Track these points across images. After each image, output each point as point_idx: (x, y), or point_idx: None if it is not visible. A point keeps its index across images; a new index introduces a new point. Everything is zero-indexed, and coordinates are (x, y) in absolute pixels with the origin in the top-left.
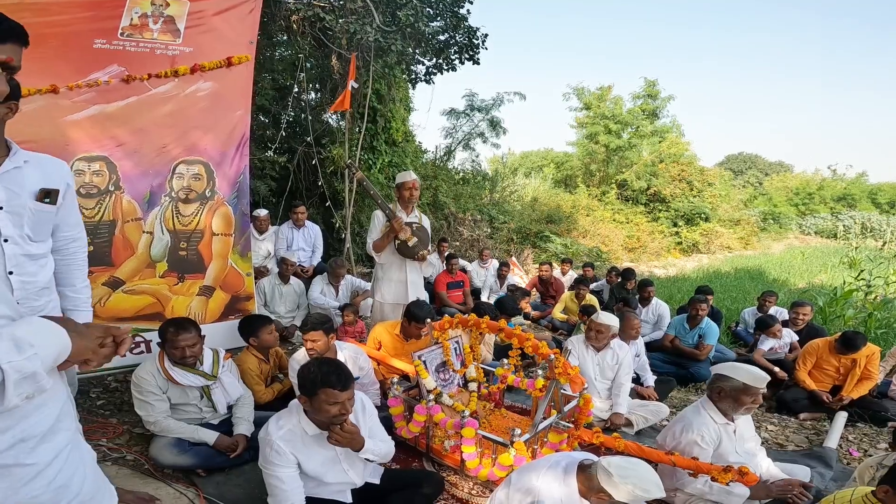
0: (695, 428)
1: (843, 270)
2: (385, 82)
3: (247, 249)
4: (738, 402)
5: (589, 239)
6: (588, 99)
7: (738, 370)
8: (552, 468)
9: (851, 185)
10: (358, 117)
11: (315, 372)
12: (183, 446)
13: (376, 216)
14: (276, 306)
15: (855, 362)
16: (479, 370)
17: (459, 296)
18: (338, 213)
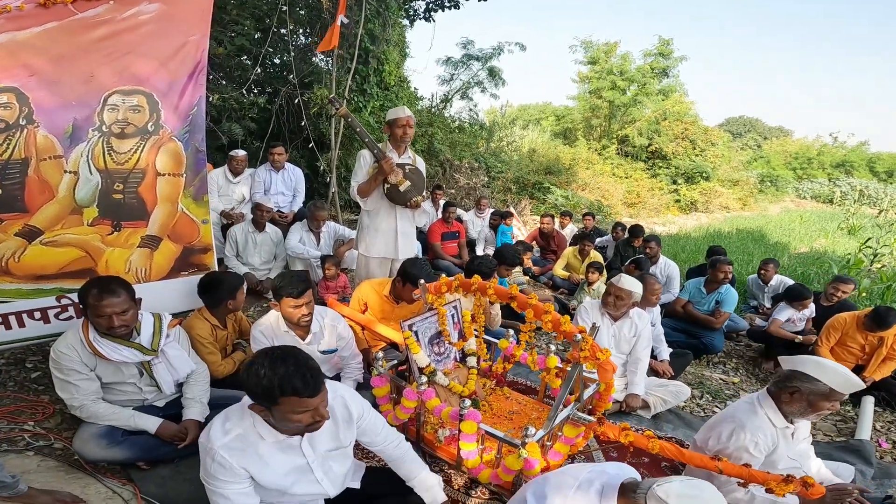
0: (748, 432)
1: (843, 236)
2: (379, 21)
3: (202, 192)
4: (815, 408)
5: (589, 192)
6: (595, 53)
7: (826, 370)
8: (582, 490)
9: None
10: (348, 58)
11: (269, 377)
12: (114, 437)
13: (362, 156)
14: (249, 257)
15: (882, 340)
16: (482, 343)
17: (454, 247)
18: (323, 155)
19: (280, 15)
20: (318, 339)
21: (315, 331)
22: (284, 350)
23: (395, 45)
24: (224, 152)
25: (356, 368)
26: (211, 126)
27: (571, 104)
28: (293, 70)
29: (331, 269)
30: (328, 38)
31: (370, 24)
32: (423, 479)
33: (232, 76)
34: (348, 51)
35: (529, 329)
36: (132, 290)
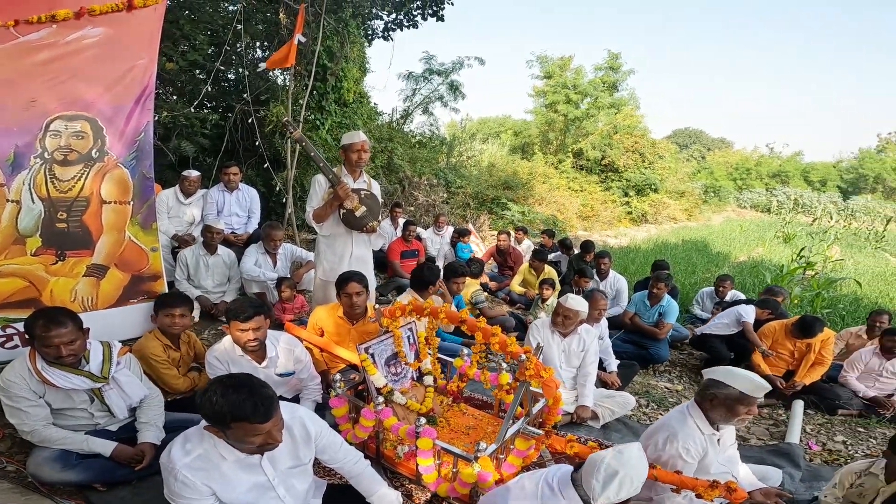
0: (680, 439)
1: (779, 245)
2: (338, 39)
3: (150, 219)
4: (733, 413)
5: (545, 206)
6: (550, 67)
7: (736, 377)
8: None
9: (786, 162)
10: (305, 75)
11: (220, 403)
12: (68, 460)
13: (317, 181)
14: (201, 280)
15: (810, 347)
16: (436, 364)
17: (414, 265)
18: (279, 175)
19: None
20: (275, 362)
21: (271, 355)
22: (239, 378)
23: (354, 61)
24: (175, 171)
25: (315, 390)
26: (159, 144)
27: (529, 118)
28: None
29: (286, 291)
30: (283, 55)
31: (329, 42)
32: (382, 495)
33: (183, 91)
34: (306, 67)
35: (479, 350)
36: (79, 320)
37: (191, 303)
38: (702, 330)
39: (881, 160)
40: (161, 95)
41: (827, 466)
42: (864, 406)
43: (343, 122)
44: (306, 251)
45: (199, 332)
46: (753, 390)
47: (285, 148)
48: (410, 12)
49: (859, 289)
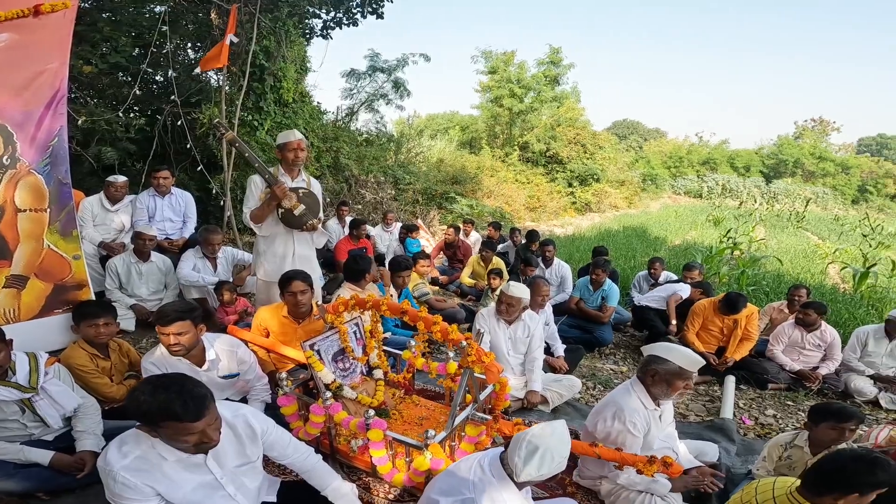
0: (626, 414)
1: (710, 228)
2: (275, 38)
3: (70, 227)
4: (672, 387)
5: (493, 199)
6: (494, 62)
7: (673, 352)
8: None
9: (714, 150)
10: (240, 75)
11: (147, 402)
12: (6, 470)
13: (253, 182)
14: (135, 288)
15: (737, 323)
16: (383, 357)
17: None
18: (215, 177)
19: (161, 32)
20: (216, 364)
21: (211, 357)
22: (170, 377)
23: (293, 61)
24: (99, 178)
25: (263, 390)
26: (78, 150)
27: (476, 113)
28: (175, 89)
29: (226, 294)
30: (215, 56)
31: (265, 41)
32: (336, 488)
33: (105, 95)
34: (241, 68)
35: (422, 339)
36: (1, 332)
37: (114, 311)
38: (640, 300)
39: (799, 146)
40: (79, 99)
41: (760, 440)
42: (791, 380)
43: (283, 123)
44: (248, 254)
45: (137, 342)
46: (690, 364)
47: (221, 150)
48: (350, 10)
49: (781, 266)
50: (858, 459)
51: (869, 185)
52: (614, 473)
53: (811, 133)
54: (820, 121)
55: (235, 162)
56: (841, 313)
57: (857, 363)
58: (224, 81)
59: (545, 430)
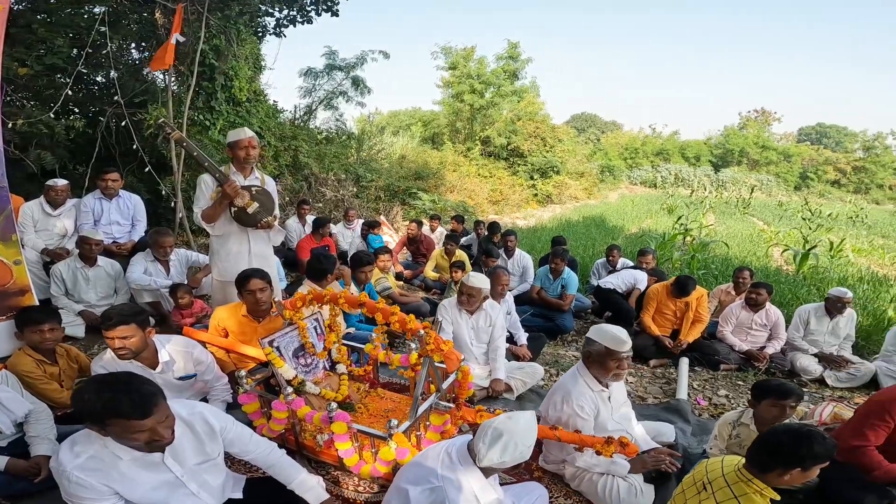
0: (573, 398)
1: (664, 216)
2: (225, 37)
3: (9, 231)
4: (605, 367)
5: (456, 194)
6: (455, 58)
7: (601, 332)
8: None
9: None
10: (188, 75)
11: (93, 401)
12: None
13: (203, 181)
14: (82, 294)
15: (688, 305)
16: (343, 351)
17: None
18: (166, 179)
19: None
20: (171, 366)
21: (165, 359)
22: (116, 375)
23: (245, 59)
24: (39, 182)
25: (223, 390)
26: (16, 154)
27: (438, 109)
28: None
29: (184, 297)
30: (161, 56)
31: (215, 41)
32: (302, 481)
33: (42, 97)
34: (189, 67)
35: (381, 330)
36: None
37: (58, 316)
38: (600, 282)
39: (744, 136)
40: (15, 102)
41: (714, 420)
42: (741, 360)
43: (237, 122)
44: (203, 255)
45: (87, 348)
46: (615, 344)
47: (170, 151)
48: (304, 8)
49: (728, 250)
50: (793, 434)
51: (810, 172)
52: (573, 456)
53: (755, 123)
54: (762, 111)
55: (187, 162)
56: (784, 294)
57: (801, 342)
58: (171, 81)
59: (512, 418)
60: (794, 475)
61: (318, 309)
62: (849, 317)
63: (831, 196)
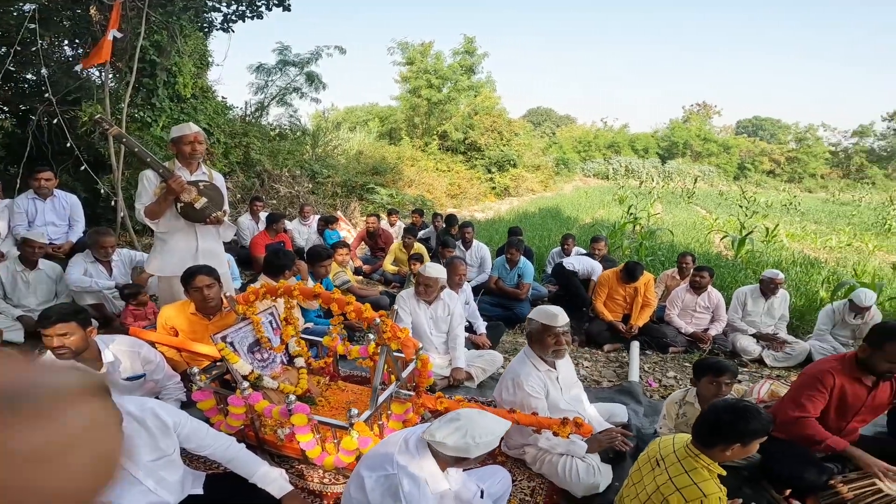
0: (522, 378)
1: (615, 206)
2: (167, 33)
3: None
4: (544, 344)
5: (414, 188)
6: (412, 54)
7: (539, 312)
8: (402, 453)
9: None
10: (127, 71)
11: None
12: None
13: (145, 177)
14: (21, 298)
15: (637, 290)
16: (302, 343)
17: None
18: (104, 177)
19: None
20: (116, 367)
21: (109, 360)
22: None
23: (190, 55)
24: None
25: (175, 389)
26: None
27: (395, 104)
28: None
29: (143, 296)
30: (96, 53)
31: (156, 36)
32: (264, 474)
33: None
34: (127, 64)
35: (338, 321)
36: None
37: None
38: (563, 260)
39: (687, 129)
40: None
41: (664, 401)
42: (687, 343)
43: (181, 118)
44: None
45: (28, 353)
46: (549, 319)
47: (108, 148)
48: (253, 2)
49: (673, 237)
50: (731, 411)
51: (747, 163)
52: (534, 437)
53: (697, 117)
54: (704, 105)
55: (127, 160)
56: (724, 277)
57: (740, 323)
58: (108, 78)
59: (481, 413)
60: (736, 450)
61: (273, 303)
62: (782, 297)
63: (767, 185)
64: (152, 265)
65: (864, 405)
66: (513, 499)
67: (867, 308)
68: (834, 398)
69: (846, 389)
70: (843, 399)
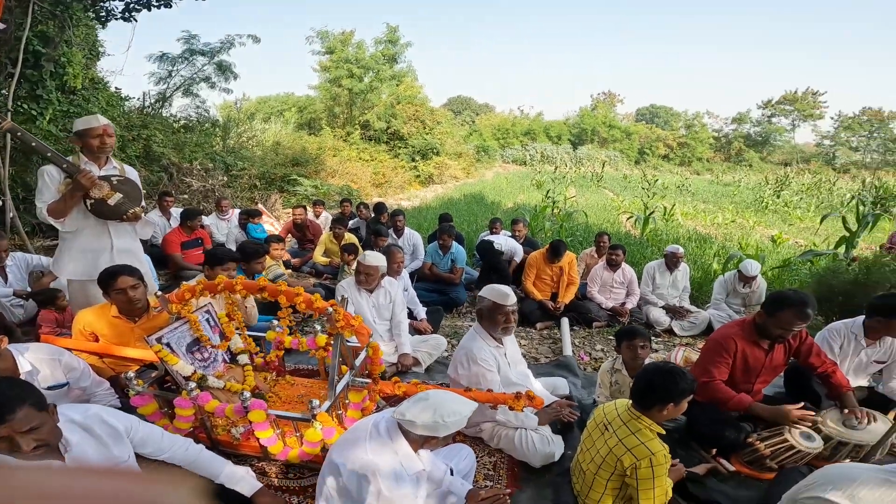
0: (475, 353)
1: (534, 190)
2: (55, 23)
3: None
4: (495, 322)
5: (338, 178)
6: (332, 42)
7: (491, 290)
8: (375, 437)
9: (533, 122)
10: (8, 63)
11: None
12: None
13: (47, 172)
14: None
15: (562, 269)
16: (249, 339)
17: (201, 255)
18: None
19: None
20: (34, 376)
21: (27, 369)
22: None
23: (80, 46)
24: None
25: (106, 396)
26: None
27: (313, 94)
28: None
29: (61, 299)
30: None
31: (41, 27)
32: (230, 473)
33: None
34: (9, 55)
35: (286, 313)
36: None
37: None
38: (491, 237)
39: (594, 116)
40: None
41: (596, 372)
42: (609, 317)
43: (70, 111)
44: (46, 258)
45: None
46: (500, 298)
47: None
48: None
49: (587, 218)
50: (660, 373)
51: (646, 148)
52: (491, 413)
53: (603, 105)
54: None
55: (12, 156)
56: (634, 254)
57: (651, 296)
58: None
59: (448, 393)
60: (670, 409)
61: (210, 300)
62: (683, 270)
63: (663, 169)
64: (62, 268)
65: (763, 367)
66: (478, 475)
67: (753, 277)
68: (738, 361)
69: (747, 353)
70: (745, 362)
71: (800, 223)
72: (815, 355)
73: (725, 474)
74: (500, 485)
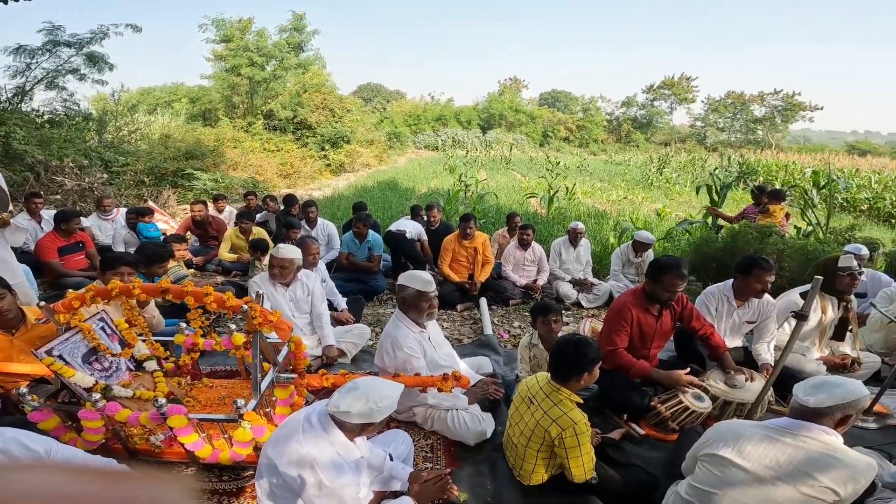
0: (400, 340)
1: (447, 175)
2: None
3: None
4: (419, 308)
5: (241, 170)
6: (229, 30)
7: (413, 279)
8: (308, 430)
9: (444, 108)
10: None
11: None
12: None
13: None
14: None
15: (476, 250)
16: (156, 344)
17: (83, 260)
18: None
19: None
20: None
21: None
22: None
23: None
24: None
25: None
26: None
27: (207, 84)
28: None
29: None
30: None
31: None
32: None
33: None
34: None
35: (196, 315)
36: None
37: None
38: (393, 225)
39: (501, 101)
40: None
41: (516, 349)
42: (523, 294)
43: None
44: None
45: None
46: (424, 286)
47: None
48: None
49: (498, 200)
50: (571, 345)
51: (548, 131)
52: (422, 396)
53: (510, 90)
54: (515, 80)
55: None
56: (542, 233)
57: (559, 271)
58: None
59: (375, 380)
60: (585, 378)
61: (103, 307)
62: (585, 246)
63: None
64: None
65: (656, 332)
66: (417, 458)
67: (650, 245)
68: (634, 328)
69: (641, 319)
70: (640, 328)
71: (679, 197)
72: (695, 319)
73: (637, 438)
74: (439, 465)
